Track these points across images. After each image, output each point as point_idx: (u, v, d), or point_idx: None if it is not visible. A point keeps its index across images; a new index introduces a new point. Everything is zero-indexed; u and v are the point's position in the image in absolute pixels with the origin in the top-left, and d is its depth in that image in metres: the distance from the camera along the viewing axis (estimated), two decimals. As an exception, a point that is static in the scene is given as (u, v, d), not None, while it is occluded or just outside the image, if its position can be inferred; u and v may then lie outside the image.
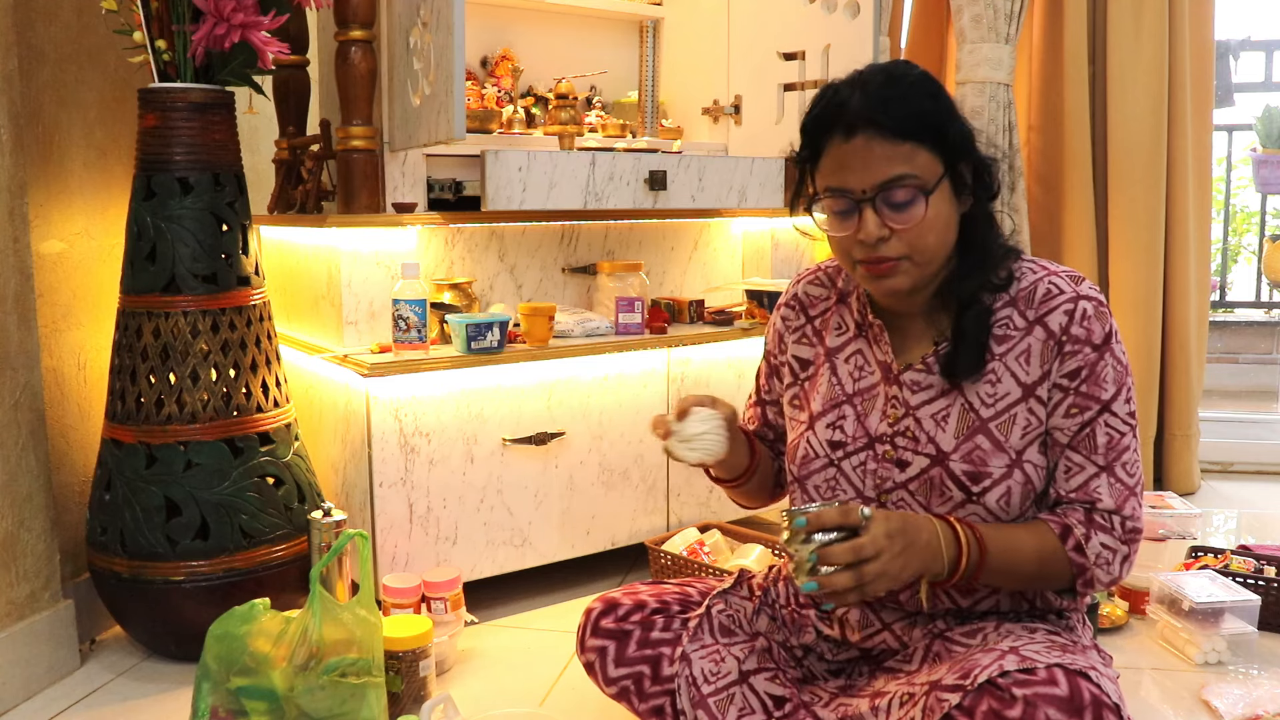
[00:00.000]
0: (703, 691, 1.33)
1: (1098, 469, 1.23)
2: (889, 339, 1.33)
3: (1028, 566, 1.22)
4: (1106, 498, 1.23)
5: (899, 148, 1.19)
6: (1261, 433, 3.48)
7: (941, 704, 1.12)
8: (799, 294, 1.46)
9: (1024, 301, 1.27)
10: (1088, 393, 1.23)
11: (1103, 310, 1.25)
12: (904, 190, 1.19)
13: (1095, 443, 1.23)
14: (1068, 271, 1.29)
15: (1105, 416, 1.23)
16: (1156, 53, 2.89)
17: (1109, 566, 1.22)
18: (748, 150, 2.70)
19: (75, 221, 2.06)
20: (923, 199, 1.19)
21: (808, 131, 1.26)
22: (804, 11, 2.56)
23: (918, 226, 1.20)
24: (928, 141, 1.20)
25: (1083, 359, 1.23)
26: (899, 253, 1.22)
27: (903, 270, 1.23)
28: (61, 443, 2.03)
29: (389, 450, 1.99)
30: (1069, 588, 1.26)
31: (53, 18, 1.98)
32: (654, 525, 2.36)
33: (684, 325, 2.46)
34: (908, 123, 1.18)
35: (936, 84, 1.25)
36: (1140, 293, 2.95)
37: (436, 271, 2.23)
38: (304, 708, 1.51)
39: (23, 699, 1.78)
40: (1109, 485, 1.23)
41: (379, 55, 2.12)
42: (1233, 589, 1.99)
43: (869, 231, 1.21)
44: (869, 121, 1.19)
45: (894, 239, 1.21)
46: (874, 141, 1.19)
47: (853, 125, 1.19)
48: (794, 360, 1.44)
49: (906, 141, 1.19)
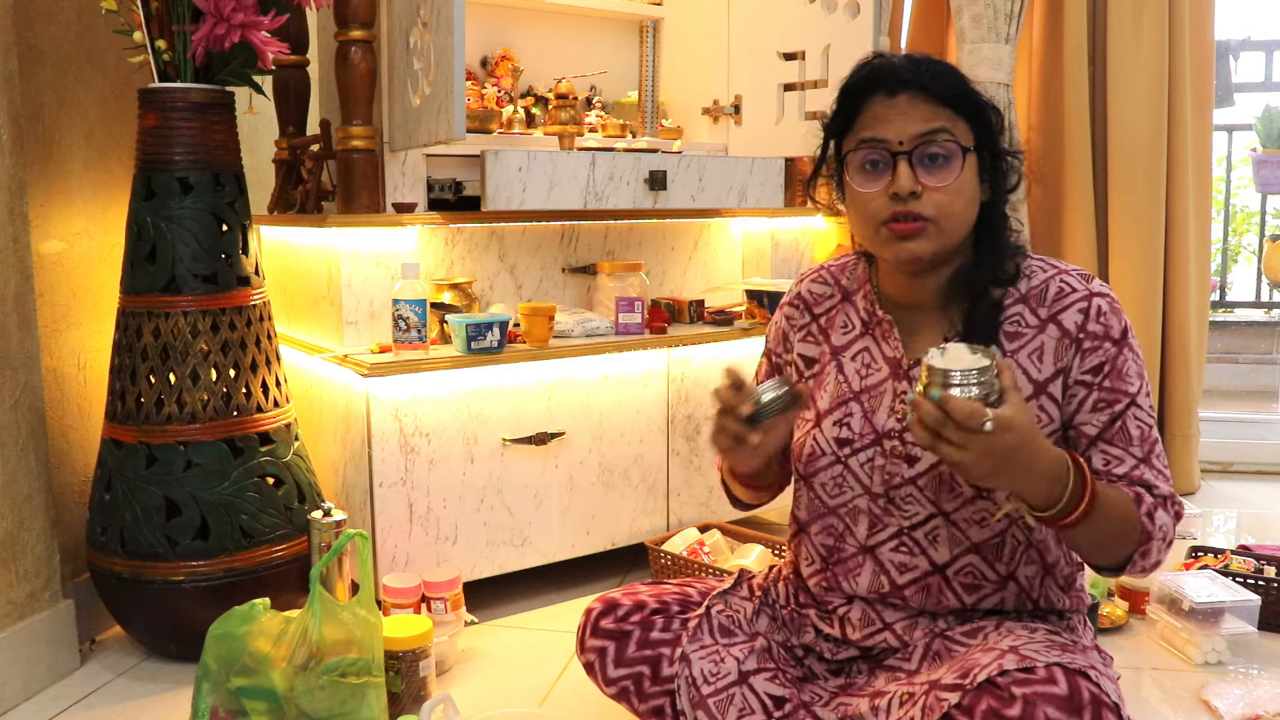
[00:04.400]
0: (702, 692, 1.33)
1: (1137, 460, 1.23)
2: (898, 334, 1.34)
3: (1114, 524, 1.17)
4: (1160, 483, 1.22)
5: (940, 109, 1.22)
6: (1261, 433, 3.48)
7: (941, 703, 1.12)
8: (803, 293, 1.46)
9: (1035, 299, 1.28)
10: (1114, 387, 1.24)
11: (1116, 306, 1.27)
12: (942, 146, 1.22)
13: (1130, 435, 1.24)
14: (1077, 270, 1.30)
15: (1134, 410, 1.24)
16: (1156, 53, 2.89)
17: (1163, 543, 1.21)
18: (748, 150, 2.70)
19: (75, 221, 2.06)
20: (960, 156, 1.22)
21: (848, 92, 1.28)
22: (804, 11, 2.56)
23: (949, 187, 1.22)
24: (965, 114, 1.24)
25: (1104, 354, 1.24)
26: (928, 213, 1.22)
27: (928, 234, 1.23)
28: (61, 443, 2.03)
29: (389, 450, 1.99)
30: (1127, 557, 1.21)
31: (53, 18, 1.98)
32: (654, 525, 2.36)
33: (684, 325, 2.46)
34: (951, 90, 1.23)
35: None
36: (1140, 292, 2.95)
37: (436, 271, 2.23)
38: (304, 708, 1.51)
39: (23, 699, 1.78)
40: (1154, 474, 1.23)
41: (379, 55, 2.12)
42: (1233, 589, 1.99)
43: (902, 184, 1.21)
44: (914, 81, 1.22)
45: (925, 197, 1.22)
46: (917, 100, 1.22)
47: (898, 84, 1.23)
48: (800, 359, 1.44)
49: (947, 107, 1.23)
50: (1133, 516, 1.20)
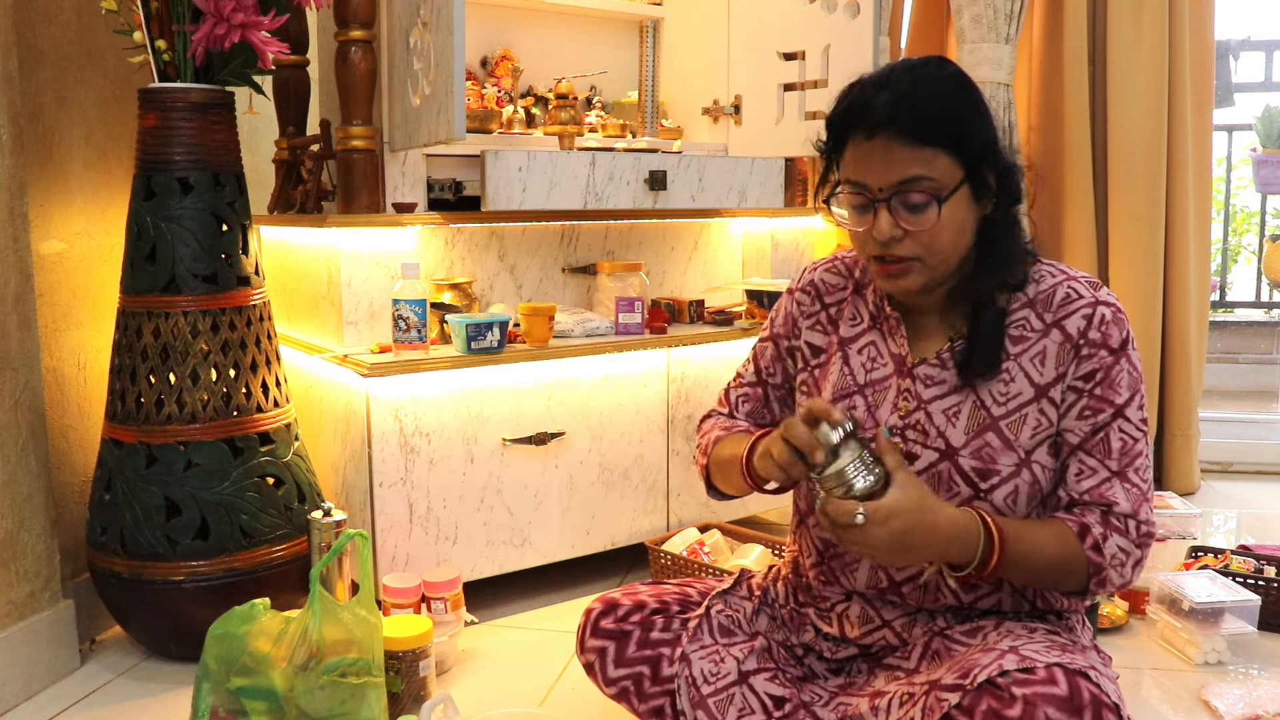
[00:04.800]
0: (702, 692, 1.33)
1: (1110, 473, 1.23)
2: (905, 332, 1.34)
3: (1045, 564, 1.22)
4: (1122, 501, 1.22)
5: (919, 152, 1.19)
6: (1261, 433, 3.48)
7: (941, 703, 1.12)
8: (816, 280, 1.45)
9: (1042, 304, 1.28)
10: (1102, 396, 1.24)
11: (1120, 317, 1.26)
12: (918, 193, 1.20)
13: (1109, 447, 1.23)
14: (1086, 277, 1.30)
15: (1119, 421, 1.23)
16: (1156, 53, 2.89)
17: (1122, 568, 1.22)
18: (748, 150, 2.70)
19: (75, 221, 2.06)
20: (935, 204, 1.20)
21: (832, 126, 1.27)
22: (804, 11, 2.56)
23: (931, 230, 1.21)
24: (948, 147, 1.20)
25: (1099, 362, 1.24)
26: (912, 253, 1.23)
27: (914, 271, 1.24)
28: (61, 443, 2.03)
29: (389, 450, 1.99)
30: (1081, 588, 1.25)
31: (53, 18, 1.98)
32: (654, 525, 2.36)
33: (684, 325, 2.46)
34: (927, 128, 1.19)
35: (963, 86, 1.24)
36: (1140, 292, 2.95)
37: (436, 271, 2.23)
38: (304, 708, 1.51)
39: (23, 699, 1.78)
40: (1124, 490, 1.23)
41: (379, 55, 2.12)
42: (1233, 589, 1.99)
43: (882, 230, 1.22)
44: (889, 124, 1.19)
45: (907, 239, 1.22)
46: (893, 144, 1.19)
47: (874, 127, 1.20)
48: (806, 346, 1.43)
49: (926, 146, 1.19)
50: (1072, 552, 1.21)
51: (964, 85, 1.25)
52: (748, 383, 1.52)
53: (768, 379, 1.49)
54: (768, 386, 1.50)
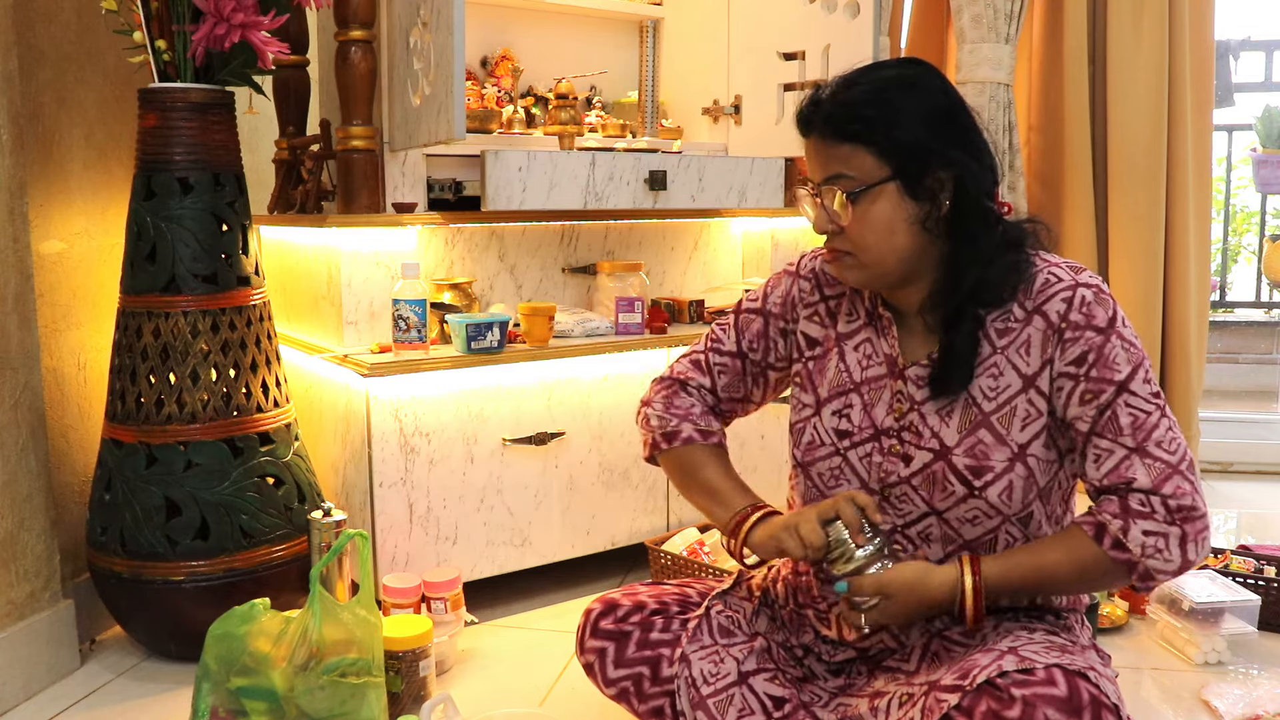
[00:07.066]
0: (702, 692, 1.34)
1: (1128, 451, 1.19)
2: (896, 333, 1.33)
3: (1063, 580, 1.22)
4: (1142, 477, 1.17)
5: (837, 149, 1.24)
6: (1261, 433, 3.48)
7: (940, 704, 1.12)
8: (818, 270, 1.44)
9: (1024, 293, 1.26)
10: (1099, 376, 1.21)
11: (1103, 296, 1.24)
12: (832, 191, 1.25)
13: (1119, 425, 1.19)
14: (1068, 262, 1.28)
15: (1125, 397, 1.20)
16: (1156, 53, 2.89)
17: (1162, 553, 1.15)
18: (748, 150, 2.70)
19: (75, 221, 2.06)
20: (848, 200, 1.24)
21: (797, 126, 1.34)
22: (804, 11, 2.56)
23: (855, 225, 1.25)
24: (872, 145, 1.22)
25: (1087, 344, 1.22)
26: (844, 247, 1.28)
27: (849, 265, 1.29)
28: (61, 443, 2.03)
29: (389, 450, 1.99)
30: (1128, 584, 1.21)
31: (53, 18, 1.98)
32: (654, 525, 2.36)
33: (684, 325, 2.46)
34: (846, 126, 1.23)
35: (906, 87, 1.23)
36: (1140, 292, 2.95)
37: (436, 271, 2.23)
38: (304, 708, 1.51)
39: (23, 699, 1.78)
40: (1144, 466, 1.17)
41: (379, 55, 2.12)
42: (1233, 589, 1.99)
43: (816, 224, 1.29)
44: (816, 123, 1.26)
45: (842, 234, 1.27)
46: (821, 142, 1.26)
47: (807, 126, 1.28)
48: (803, 337, 1.42)
49: (845, 144, 1.24)
50: (1091, 559, 1.19)
51: (908, 85, 1.23)
52: (728, 352, 1.48)
53: (748, 352, 1.46)
54: (746, 360, 1.47)
